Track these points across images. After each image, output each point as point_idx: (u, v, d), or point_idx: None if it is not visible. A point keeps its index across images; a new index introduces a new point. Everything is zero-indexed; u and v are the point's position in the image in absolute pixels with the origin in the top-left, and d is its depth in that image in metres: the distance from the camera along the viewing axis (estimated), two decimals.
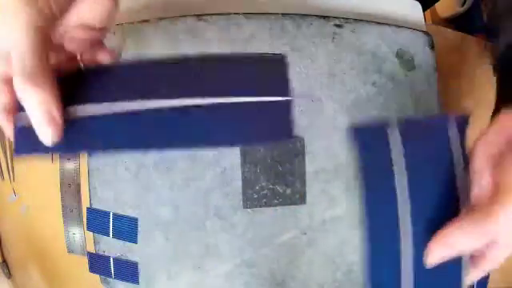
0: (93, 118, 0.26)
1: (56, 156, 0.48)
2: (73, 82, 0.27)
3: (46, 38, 0.25)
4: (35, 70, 0.24)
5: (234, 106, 0.26)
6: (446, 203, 0.30)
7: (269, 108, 0.26)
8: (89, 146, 0.27)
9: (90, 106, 0.26)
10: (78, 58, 0.31)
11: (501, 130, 0.32)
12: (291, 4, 0.47)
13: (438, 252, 0.29)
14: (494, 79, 0.41)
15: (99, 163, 0.43)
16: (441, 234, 0.29)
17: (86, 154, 0.43)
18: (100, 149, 0.27)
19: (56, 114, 0.25)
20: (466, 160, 0.31)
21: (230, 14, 0.44)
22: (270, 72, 0.27)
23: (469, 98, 0.49)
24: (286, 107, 0.26)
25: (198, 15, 0.44)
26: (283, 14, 0.45)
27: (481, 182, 0.32)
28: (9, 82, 0.25)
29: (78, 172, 0.47)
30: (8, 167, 0.48)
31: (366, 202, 0.29)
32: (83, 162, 0.46)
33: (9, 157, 0.48)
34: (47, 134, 0.25)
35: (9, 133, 0.27)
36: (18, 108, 0.26)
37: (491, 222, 0.28)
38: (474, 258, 0.31)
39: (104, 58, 0.31)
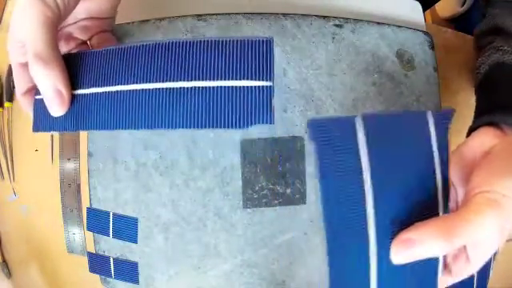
0: (92, 97, 0.29)
1: (56, 156, 0.48)
2: (80, 63, 0.30)
3: (53, 27, 0.29)
4: (45, 54, 0.28)
5: (214, 90, 0.27)
6: (421, 210, 0.27)
7: (249, 92, 0.26)
8: (90, 122, 0.29)
9: (89, 87, 0.30)
10: (88, 43, 0.37)
11: (478, 144, 0.32)
12: (291, 4, 0.47)
13: (400, 250, 0.26)
14: None
15: (99, 163, 0.43)
16: (404, 231, 0.27)
17: (86, 154, 0.43)
18: (98, 126, 0.29)
19: (62, 88, 0.29)
20: (447, 165, 0.27)
21: (230, 14, 0.44)
22: (254, 55, 0.27)
23: (469, 99, 0.49)
24: (267, 92, 0.26)
25: (198, 15, 0.44)
26: (283, 14, 0.45)
27: (455, 197, 0.32)
28: (27, 68, 0.29)
29: (78, 172, 0.47)
30: (8, 167, 0.48)
31: (327, 208, 0.28)
32: (83, 162, 0.46)
33: (9, 157, 0.48)
34: (55, 106, 0.29)
35: (30, 113, 0.32)
36: (36, 92, 0.31)
37: (464, 227, 0.26)
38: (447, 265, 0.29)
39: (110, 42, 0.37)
